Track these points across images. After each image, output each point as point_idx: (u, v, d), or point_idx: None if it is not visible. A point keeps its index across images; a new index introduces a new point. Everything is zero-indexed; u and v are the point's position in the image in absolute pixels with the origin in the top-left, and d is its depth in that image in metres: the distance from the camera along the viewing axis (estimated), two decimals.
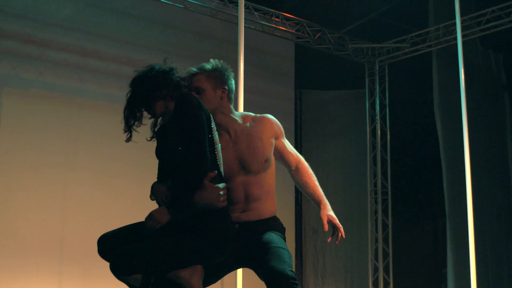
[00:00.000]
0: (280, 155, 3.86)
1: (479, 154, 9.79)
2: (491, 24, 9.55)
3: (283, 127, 3.95)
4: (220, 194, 3.20)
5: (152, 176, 3.54)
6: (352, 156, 11.64)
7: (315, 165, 11.49)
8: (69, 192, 8.44)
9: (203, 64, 3.69)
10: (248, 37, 7.59)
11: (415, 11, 10.68)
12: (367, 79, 11.48)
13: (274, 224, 3.69)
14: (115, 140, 8.83)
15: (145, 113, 3.42)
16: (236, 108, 6.53)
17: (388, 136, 11.25)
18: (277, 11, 9.87)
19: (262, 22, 9.83)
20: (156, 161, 3.54)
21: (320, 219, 3.84)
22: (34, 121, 8.30)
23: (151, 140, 3.41)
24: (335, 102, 11.85)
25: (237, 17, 7.49)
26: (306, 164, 3.98)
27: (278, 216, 3.83)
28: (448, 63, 9.99)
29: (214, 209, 3.21)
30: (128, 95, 3.41)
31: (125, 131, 3.44)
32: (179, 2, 8.92)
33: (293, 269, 3.41)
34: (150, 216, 3.23)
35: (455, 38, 8.53)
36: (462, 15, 8.27)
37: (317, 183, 3.93)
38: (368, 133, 11.32)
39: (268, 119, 3.79)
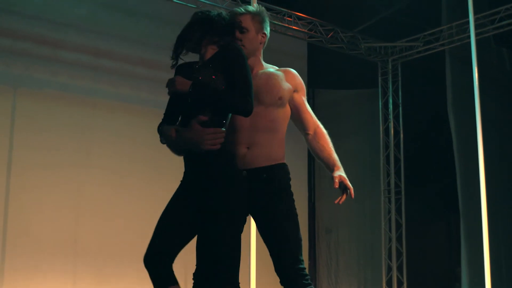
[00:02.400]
0: (298, 112, 3.87)
1: (493, 152, 9.74)
2: (504, 22, 9.51)
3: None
4: (207, 137, 3.21)
5: (165, 175, 3.56)
6: (365, 155, 11.62)
7: None
8: (83, 192, 8.48)
9: (247, 6, 3.79)
10: None
11: (428, 10, 10.64)
12: (380, 78, 11.46)
13: (283, 176, 3.68)
14: (128, 140, 8.90)
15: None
16: None
17: (401, 135, 11.22)
18: (289, 11, 9.87)
19: (275, 22, 9.83)
20: (168, 158, 3.53)
21: (332, 179, 3.93)
22: (48, 121, 8.34)
23: (172, 67, 3.48)
24: (348, 101, 11.83)
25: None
26: (324, 130, 4.01)
27: None
28: (462, 62, 9.95)
29: (218, 154, 3.24)
30: (187, 28, 3.50)
31: (172, 58, 3.46)
32: (191, 2, 8.94)
33: (302, 256, 3.57)
34: (171, 81, 3.29)
35: (469, 37, 8.51)
36: (475, 13, 8.24)
37: (333, 149, 4.01)
38: (381, 132, 11.30)
39: (292, 71, 3.95)
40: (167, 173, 8.12)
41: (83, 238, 8.34)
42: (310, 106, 4.03)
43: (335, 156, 3.96)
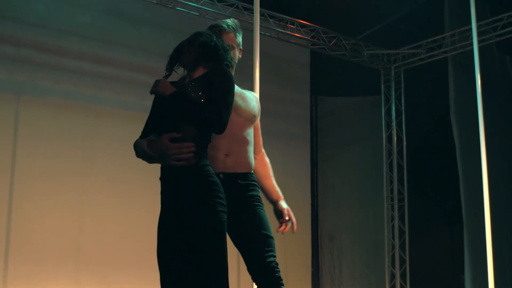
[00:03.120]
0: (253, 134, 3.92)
1: (496, 160, 9.72)
2: (507, 29, 9.51)
3: (299, 134, 4.05)
4: (172, 152, 3.26)
5: None
6: (368, 163, 11.61)
7: (331, 171, 11.59)
8: (86, 199, 8.47)
9: (226, 20, 3.89)
10: (263, 44, 7.60)
11: (431, 17, 10.65)
12: (382, 86, 11.46)
13: (256, 184, 3.78)
14: (131, 148, 8.88)
15: None
16: None
17: (404, 142, 11.22)
18: (292, 18, 9.89)
19: (278, 29, 9.85)
20: None
21: (280, 212, 3.91)
22: (51, 129, 8.34)
23: (166, 77, 3.50)
24: (350, 109, 11.83)
25: (252, 24, 7.50)
26: (267, 159, 4.04)
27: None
28: (464, 69, 9.95)
29: (192, 165, 3.28)
30: (187, 46, 3.54)
31: (166, 69, 3.55)
32: (194, 9, 8.96)
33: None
34: (156, 82, 3.36)
35: (471, 44, 8.51)
36: (478, 20, 8.23)
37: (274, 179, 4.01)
38: (384, 139, 11.30)
39: (255, 94, 4.03)
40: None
41: (86, 246, 8.34)
42: (313, 113, 4.12)
43: (277, 186, 3.97)
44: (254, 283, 3.62)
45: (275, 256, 3.76)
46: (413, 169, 11.20)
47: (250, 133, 3.78)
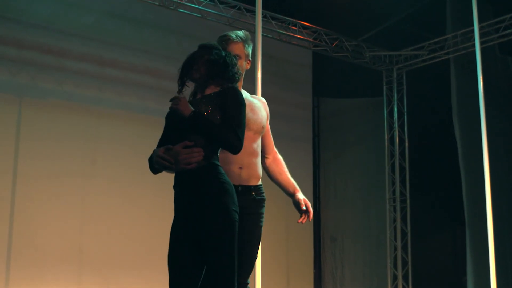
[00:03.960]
0: (263, 137, 4.05)
1: (498, 161, 9.72)
2: (509, 30, 9.51)
3: (301, 135, 4.11)
4: (182, 157, 3.31)
5: (169, 184, 3.56)
6: (371, 164, 11.61)
7: (333, 173, 11.59)
8: (88, 201, 8.48)
9: (236, 32, 3.95)
10: (265, 46, 7.59)
11: (433, 19, 10.65)
12: (385, 87, 11.46)
13: (264, 195, 3.90)
14: (133, 149, 8.90)
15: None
16: None
17: (406, 144, 11.22)
18: (294, 20, 9.89)
19: (280, 31, 9.85)
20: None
21: (297, 202, 4.05)
22: (53, 130, 8.35)
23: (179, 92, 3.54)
24: (352, 110, 11.83)
25: (254, 25, 7.50)
26: (281, 157, 4.23)
27: (296, 223, 4.19)
28: (466, 70, 9.94)
29: (209, 171, 3.35)
30: (196, 60, 3.55)
31: (179, 85, 3.57)
32: (196, 11, 8.96)
33: None
34: (176, 100, 3.39)
35: (473, 45, 8.52)
36: (480, 22, 8.22)
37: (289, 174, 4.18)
38: (386, 141, 11.30)
39: (264, 100, 4.14)
40: (172, 183, 8.13)
41: (88, 247, 8.34)
42: (315, 114, 4.18)
43: (293, 180, 4.16)
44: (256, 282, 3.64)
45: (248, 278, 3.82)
46: (415, 170, 11.20)
47: (259, 144, 3.92)
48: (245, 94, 3.95)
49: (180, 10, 8.90)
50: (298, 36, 10.05)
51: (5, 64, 8.14)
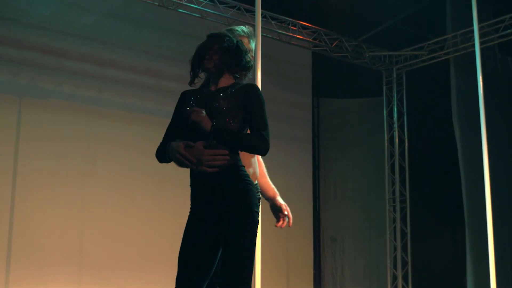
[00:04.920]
0: None
1: (498, 162, 9.73)
2: (509, 30, 9.51)
3: (301, 135, 4.10)
4: (205, 158, 3.23)
5: (170, 185, 3.56)
6: (370, 164, 11.61)
7: (333, 173, 11.59)
8: (88, 201, 8.48)
9: (241, 26, 3.95)
10: (265, 46, 7.60)
11: (433, 19, 10.65)
12: (384, 87, 11.46)
13: (259, 196, 3.89)
14: (134, 149, 8.91)
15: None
16: None
17: (406, 144, 11.22)
18: (294, 20, 9.89)
19: (279, 31, 9.85)
20: (174, 168, 3.53)
21: (278, 207, 4.01)
22: (53, 131, 8.35)
23: (190, 84, 3.47)
24: (352, 110, 11.83)
25: (254, 26, 7.51)
26: (261, 158, 4.14)
27: (296, 224, 4.10)
28: (466, 71, 9.94)
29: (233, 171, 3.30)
30: (207, 49, 3.46)
31: (191, 76, 3.47)
32: (196, 11, 8.96)
33: None
34: (196, 114, 3.25)
35: (473, 45, 8.52)
36: (480, 22, 8.23)
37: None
38: (386, 141, 11.29)
39: None
40: (172, 183, 8.13)
41: (88, 247, 8.35)
42: (315, 115, 4.17)
43: (272, 183, 4.10)
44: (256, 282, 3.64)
45: None
46: (415, 170, 11.20)
47: None
48: None
49: (180, 10, 8.91)
50: (298, 36, 10.05)
51: (5, 64, 8.15)
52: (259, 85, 6.79)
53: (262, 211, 6.26)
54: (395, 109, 11.31)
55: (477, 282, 9.54)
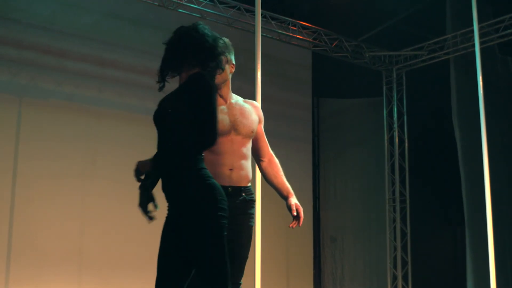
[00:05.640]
0: (257, 141, 4.13)
1: (498, 162, 9.73)
2: (509, 31, 9.51)
3: (301, 135, 4.14)
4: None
5: None
6: (370, 165, 11.61)
7: (333, 173, 11.59)
8: (88, 202, 8.48)
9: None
10: (265, 46, 7.60)
11: (433, 19, 10.65)
12: (384, 87, 11.46)
13: (254, 196, 4.00)
14: (134, 149, 8.89)
15: None
16: None
17: (406, 144, 11.22)
18: (294, 20, 9.89)
19: (279, 31, 9.85)
20: None
21: (289, 207, 4.11)
22: (53, 131, 8.35)
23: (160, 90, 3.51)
24: (352, 110, 11.84)
25: (254, 26, 7.50)
26: (277, 160, 4.28)
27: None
28: (466, 71, 9.94)
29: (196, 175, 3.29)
30: (169, 47, 3.59)
31: (158, 81, 3.55)
32: (196, 11, 8.96)
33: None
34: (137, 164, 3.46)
35: (473, 45, 8.51)
36: (480, 22, 8.23)
37: (285, 178, 4.24)
38: (386, 141, 11.30)
39: (256, 104, 4.19)
40: None
41: (88, 247, 8.35)
42: (315, 115, 4.22)
43: (288, 184, 4.20)
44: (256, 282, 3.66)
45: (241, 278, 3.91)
46: (415, 170, 11.20)
47: (249, 147, 3.98)
48: (237, 98, 4.02)
49: (180, 10, 8.90)
50: (298, 36, 10.05)
51: (5, 64, 8.15)
52: (258, 85, 6.81)
53: (262, 211, 6.23)
54: (395, 109, 11.31)
55: (477, 282, 9.55)
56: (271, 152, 4.24)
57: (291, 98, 10.81)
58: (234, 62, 4.05)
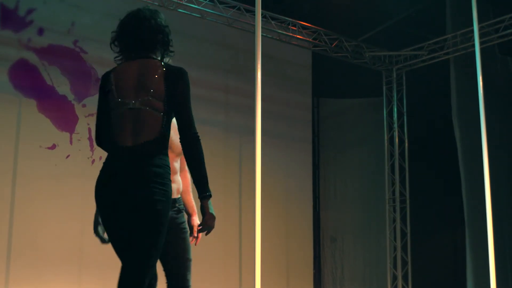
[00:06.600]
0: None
1: (498, 162, 9.72)
2: (509, 30, 9.51)
3: (301, 135, 4.16)
4: None
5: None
6: (370, 165, 11.61)
7: (333, 173, 11.58)
8: (88, 201, 8.43)
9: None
10: (265, 46, 7.60)
11: (433, 19, 10.65)
12: (384, 87, 11.46)
13: (182, 207, 4.43)
14: None
15: None
16: (254, 117, 6.60)
17: (406, 144, 11.22)
18: (294, 20, 9.89)
19: (279, 31, 9.85)
20: None
21: (191, 226, 4.47)
22: (53, 131, 8.34)
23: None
24: (352, 110, 11.83)
25: (254, 26, 7.50)
26: (189, 174, 4.47)
27: (296, 224, 4.16)
28: (466, 71, 9.94)
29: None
30: (138, 29, 3.60)
31: (117, 52, 3.71)
32: (196, 11, 8.96)
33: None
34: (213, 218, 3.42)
35: (473, 45, 8.51)
36: (479, 22, 8.23)
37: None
38: (386, 141, 11.30)
39: None
40: None
41: (88, 247, 8.33)
42: (315, 115, 4.26)
43: (193, 201, 4.50)
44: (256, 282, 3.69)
45: (189, 279, 4.35)
46: (415, 170, 11.19)
47: (179, 162, 4.31)
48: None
49: (180, 10, 8.90)
50: (298, 36, 10.05)
51: (5, 64, 8.14)
52: (258, 85, 6.80)
53: (263, 211, 6.19)
54: (395, 109, 11.31)
55: (477, 282, 9.54)
56: (186, 167, 4.36)
57: (291, 98, 10.81)
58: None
